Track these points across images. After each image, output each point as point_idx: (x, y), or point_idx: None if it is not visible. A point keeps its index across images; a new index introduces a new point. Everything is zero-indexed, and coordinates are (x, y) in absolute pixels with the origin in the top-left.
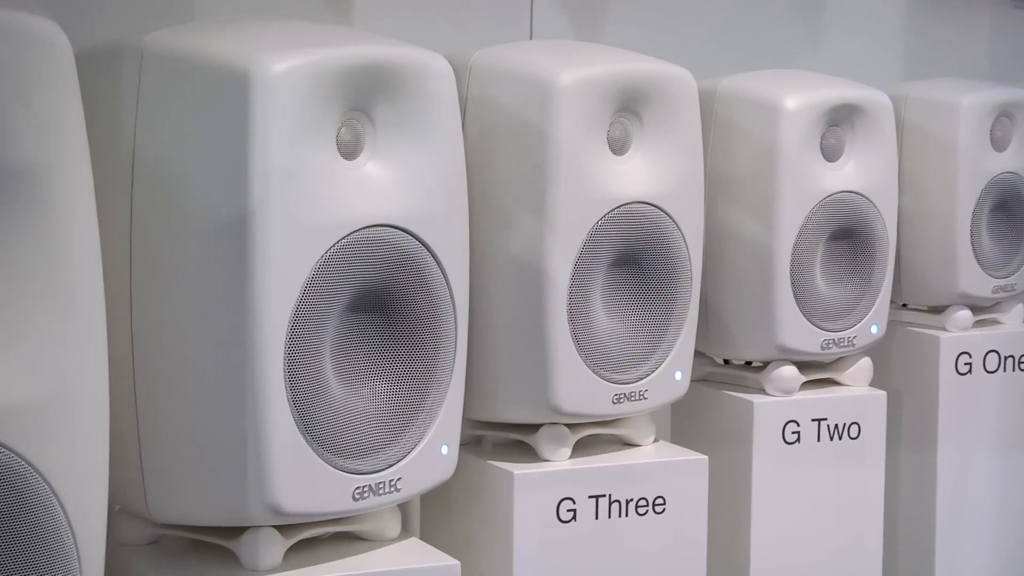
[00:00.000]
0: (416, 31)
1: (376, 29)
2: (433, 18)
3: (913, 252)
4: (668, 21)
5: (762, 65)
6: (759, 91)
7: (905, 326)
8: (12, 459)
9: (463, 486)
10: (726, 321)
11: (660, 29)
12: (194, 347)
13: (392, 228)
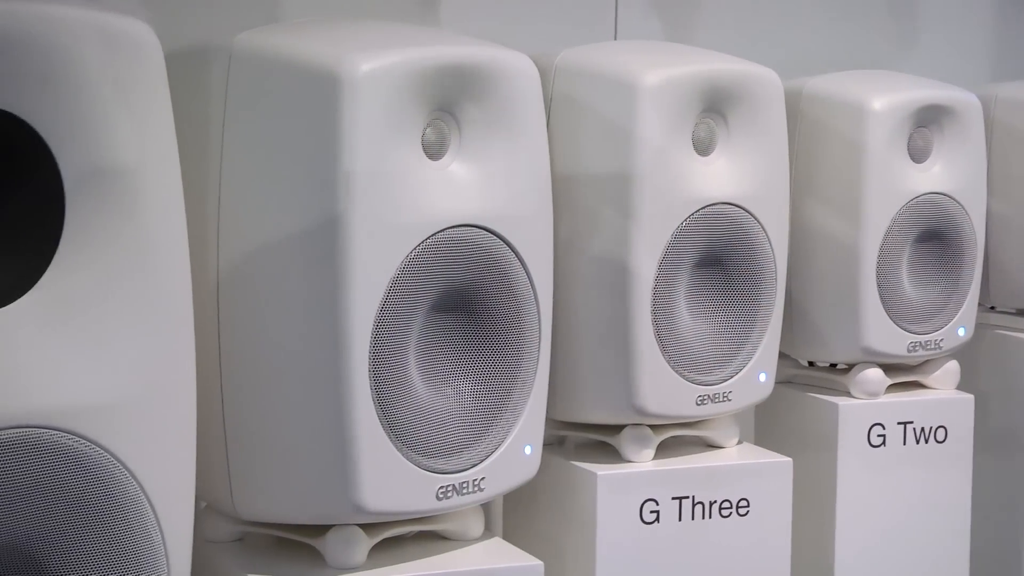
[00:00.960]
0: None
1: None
2: (518, 19)
3: (1001, 254)
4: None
5: (849, 66)
6: (846, 92)
7: (993, 329)
8: (102, 456)
9: (546, 486)
10: (811, 323)
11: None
12: (280, 346)
13: (477, 228)
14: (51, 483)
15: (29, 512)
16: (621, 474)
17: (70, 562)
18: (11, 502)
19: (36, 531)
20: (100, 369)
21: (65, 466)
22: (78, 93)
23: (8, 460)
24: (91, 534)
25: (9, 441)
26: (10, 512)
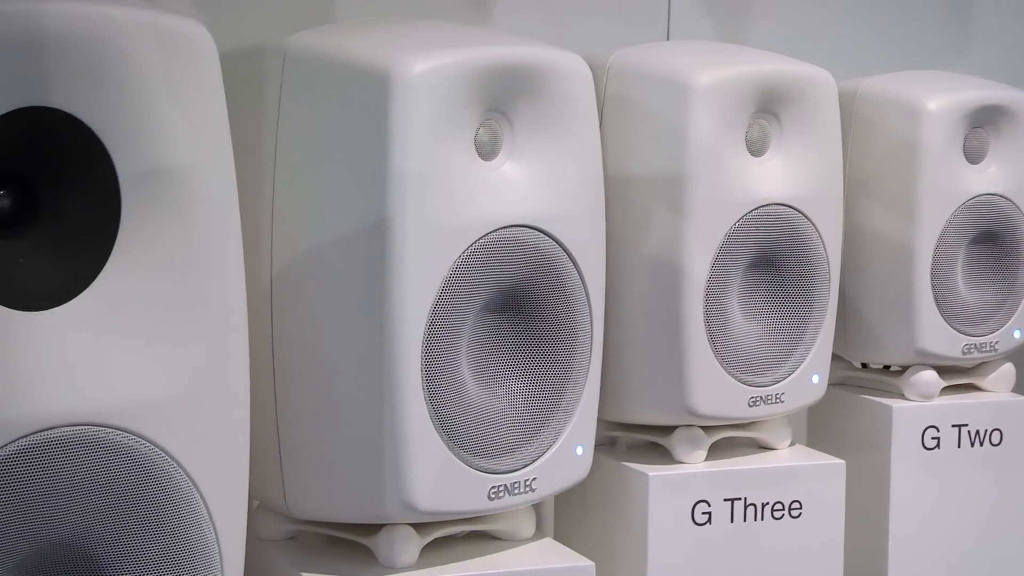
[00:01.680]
0: (554, 32)
1: (514, 30)
2: (571, 19)
3: None
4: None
5: (904, 66)
6: (901, 92)
7: None
8: (156, 453)
9: (597, 487)
10: (865, 324)
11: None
12: (333, 346)
13: (529, 228)
14: (106, 480)
15: (84, 509)
16: (673, 475)
17: (124, 559)
18: (67, 499)
19: (91, 528)
20: (155, 367)
21: (120, 464)
22: (134, 93)
23: (64, 458)
24: (145, 531)
25: (65, 439)
26: (66, 509)
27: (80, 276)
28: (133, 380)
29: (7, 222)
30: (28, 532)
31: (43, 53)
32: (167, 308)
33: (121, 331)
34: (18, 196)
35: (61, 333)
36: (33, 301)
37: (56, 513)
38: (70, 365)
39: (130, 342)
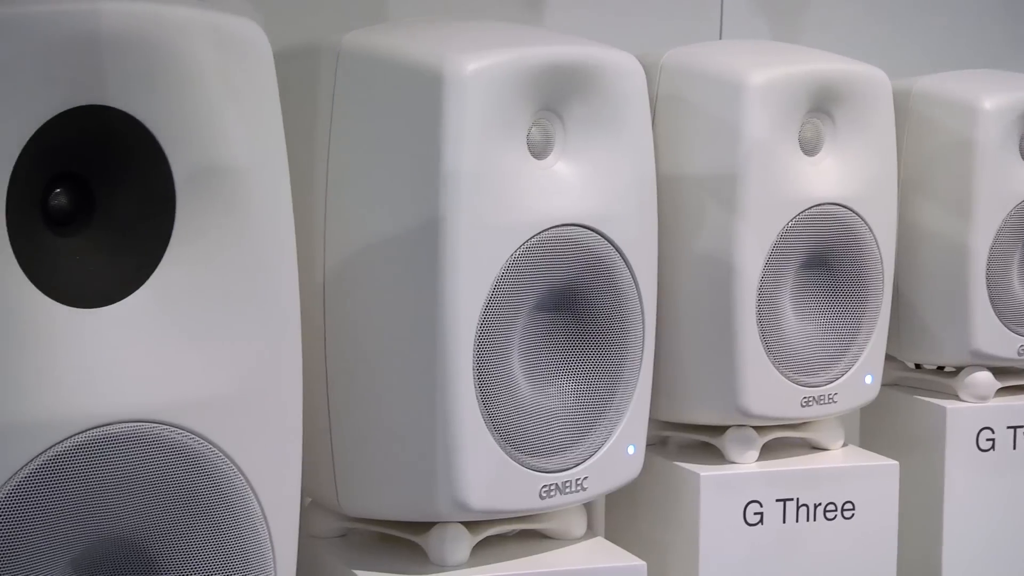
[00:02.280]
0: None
1: (567, 29)
2: (623, 18)
3: None
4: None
5: (960, 65)
6: (956, 91)
7: None
8: (210, 450)
9: (649, 487)
10: (919, 325)
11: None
12: (385, 344)
13: (581, 228)
14: (160, 477)
15: (139, 505)
16: (725, 475)
17: (178, 555)
18: (121, 495)
19: (146, 524)
20: (209, 365)
21: (174, 460)
22: (190, 92)
23: (119, 454)
24: (199, 527)
25: (119, 435)
26: (120, 505)
27: (135, 274)
28: (187, 377)
29: (64, 220)
30: (83, 527)
31: (100, 52)
32: (221, 306)
33: (175, 328)
34: (75, 194)
35: (116, 330)
36: (89, 298)
37: (111, 509)
38: (125, 362)
39: (184, 339)
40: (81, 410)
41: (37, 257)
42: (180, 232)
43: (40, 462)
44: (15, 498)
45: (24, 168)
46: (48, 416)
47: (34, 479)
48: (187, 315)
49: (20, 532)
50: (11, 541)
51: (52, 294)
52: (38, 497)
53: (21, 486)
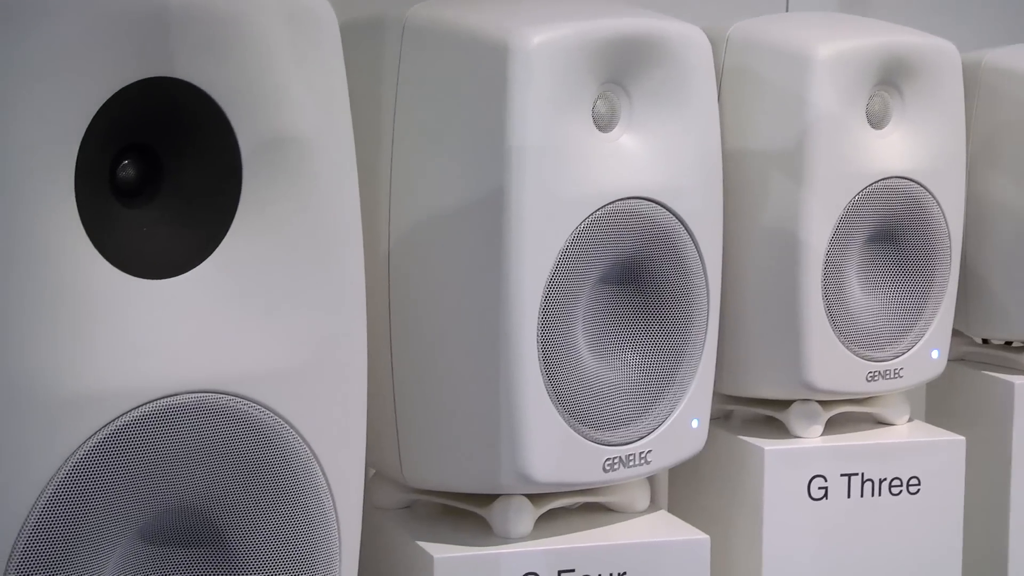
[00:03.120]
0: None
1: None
2: None
3: None
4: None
5: None
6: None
7: None
8: (275, 421)
9: (712, 461)
10: (987, 299)
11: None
12: (449, 317)
13: (646, 201)
14: (226, 447)
15: (205, 475)
16: (789, 449)
17: (244, 525)
18: (188, 465)
19: (211, 494)
20: (274, 336)
21: (240, 431)
22: (257, 64)
23: (185, 424)
24: (264, 498)
25: (186, 406)
26: (187, 475)
27: (202, 245)
28: (253, 348)
29: (132, 191)
30: (151, 497)
31: (168, 24)
32: (287, 276)
33: (241, 299)
34: (143, 166)
35: (183, 301)
36: (156, 269)
37: (178, 478)
38: (192, 333)
39: (250, 310)
40: (148, 381)
41: (105, 228)
42: (246, 203)
43: (108, 432)
44: (84, 468)
45: (93, 140)
46: (116, 387)
47: (102, 449)
48: (253, 286)
49: (89, 501)
50: (81, 510)
51: (120, 265)
52: (106, 467)
53: (90, 456)
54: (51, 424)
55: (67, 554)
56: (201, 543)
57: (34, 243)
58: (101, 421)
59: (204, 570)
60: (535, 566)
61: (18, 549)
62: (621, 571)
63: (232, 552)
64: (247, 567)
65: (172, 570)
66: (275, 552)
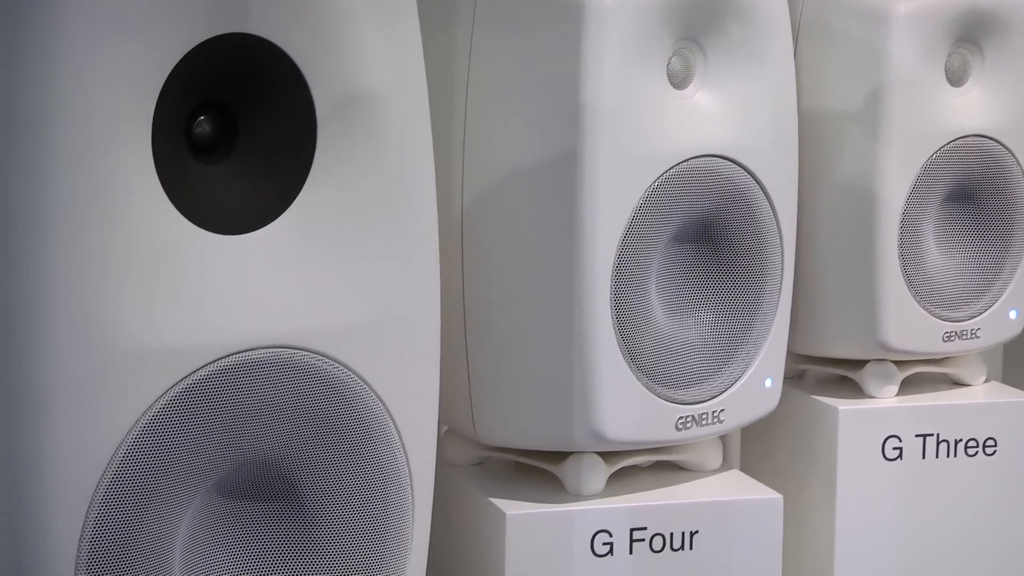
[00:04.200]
0: None
1: None
2: None
3: None
4: None
5: None
6: None
7: None
8: (349, 377)
9: (786, 420)
10: None
11: None
12: (522, 275)
13: (720, 159)
14: (300, 402)
15: (279, 430)
16: (863, 409)
17: (318, 479)
18: (262, 420)
19: (286, 448)
20: (349, 292)
21: (314, 386)
22: (332, 20)
23: (260, 380)
24: (339, 453)
25: (261, 361)
26: (261, 430)
27: (277, 200)
28: (327, 303)
29: (207, 147)
30: (225, 451)
31: None
32: (361, 233)
33: (316, 255)
34: (218, 122)
35: (258, 257)
36: (231, 225)
37: (252, 433)
38: (266, 288)
39: (324, 266)
40: (223, 336)
41: (182, 184)
42: (321, 159)
43: (184, 387)
44: (161, 422)
45: (169, 96)
46: (191, 342)
47: (178, 404)
48: (327, 242)
49: (166, 455)
50: (158, 463)
51: (196, 220)
52: (182, 421)
53: (166, 410)
54: (128, 379)
55: (144, 506)
56: (276, 497)
57: (112, 198)
58: (177, 376)
59: (279, 524)
60: (607, 524)
61: (96, 501)
62: (693, 529)
63: (306, 507)
64: (321, 522)
65: (248, 523)
66: (349, 507)
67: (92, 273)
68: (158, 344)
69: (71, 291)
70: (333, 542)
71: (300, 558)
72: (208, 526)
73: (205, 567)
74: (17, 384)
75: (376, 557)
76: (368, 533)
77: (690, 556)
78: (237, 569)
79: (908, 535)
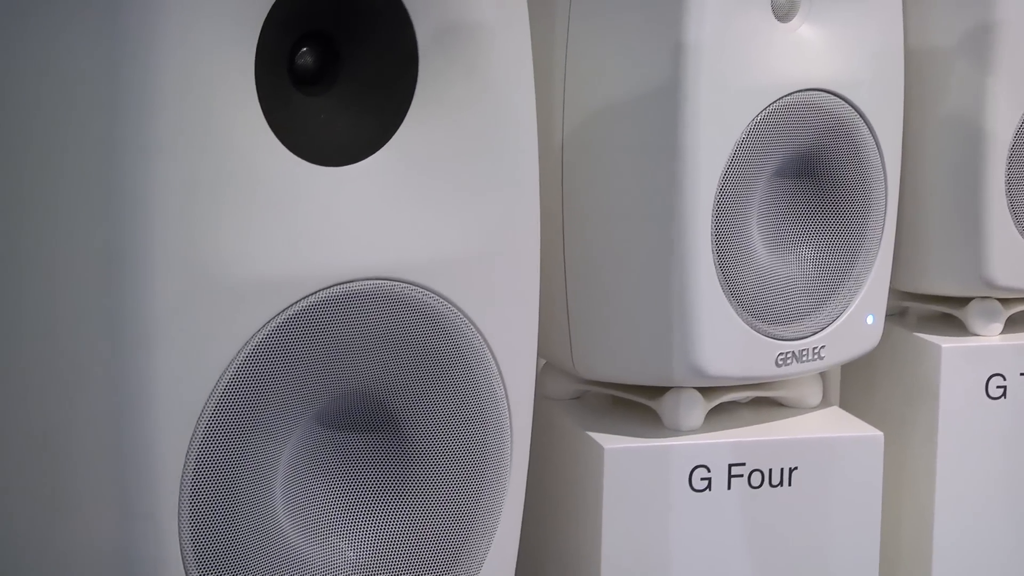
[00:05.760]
0: None
1: None
2: None
3: None
4: None
5: None
6: None
7: None
8: (449, 309)
9: (887, 357)
10: None
11: None
12: (622, 209)
13: (825, 92)
14: (401, 334)
15: (379, 361)
16: (967, 347)
17: (417, 410)
18: (363, 351)
19: (386, 379)
20: (448, 224)
21: (414, 318)
22: None
23: (361, 310)
24: (438, 385)
25: (361, 293)
26: (362, 360)
27: (379, 132)
28: (427, 236)
29: (310, 79)
30: (326, 381)
31: None
32: (462, 165)
33: (416, 188)
34: (320, 54)
35: (360, 188)
36: (334, 156)
37: (352, 364)
38: (367, 220)
39: (425, 199)
40: (324, 267)
41: (284, 115)
42: (422, 91)
43: (285, 318)
44: (262, 352)
45: (272, 27)
46: (293, 273)
47: (280, 334)
48: (428, 174)
49: (268, 385)
50: (259, 393)
51: (299, 152)
52: (283, 351)
53: (268, 341)
54: (230, 309)
55: (246, 436)
56: (376, 428)
57: (215, 129)
58: (278, 307)
59: (378, 455)
60: (705, 459)
61: (199, 432)
62: (792, 466)
63: (405, 438)
64: (420, 453)
65: (347, 454)
66: (448, 439)
67: (195, 204)
68: (259, 275)
69: (174, 222)
70: (431, 474)
71: (398, 489)
72: (308, 456)
73: (305, 496)
74: (122, 313)
75: (474, 489)
76: (466, 465)
77: (789, 492)
78: (336, 498)
79: (1011, 475)
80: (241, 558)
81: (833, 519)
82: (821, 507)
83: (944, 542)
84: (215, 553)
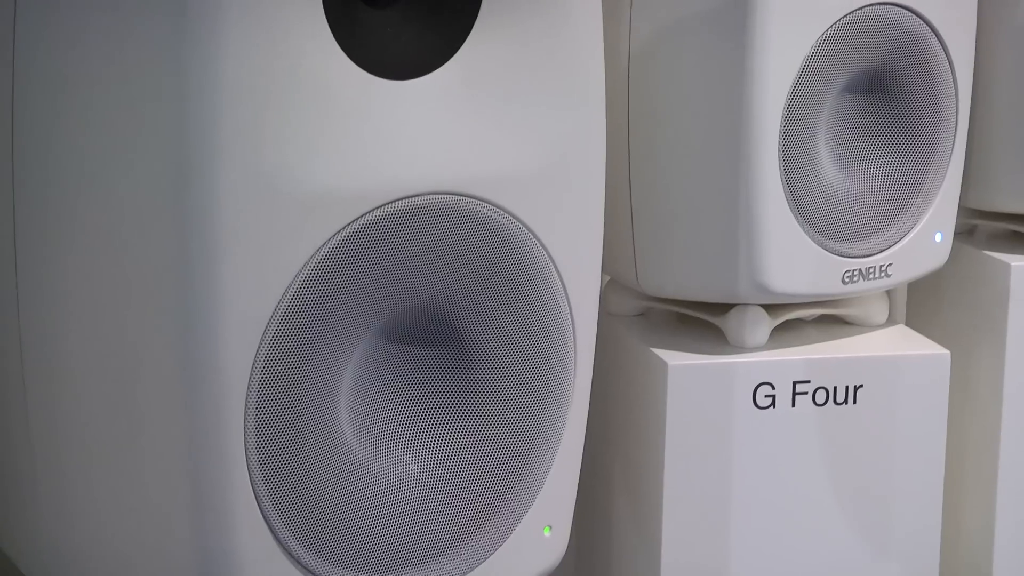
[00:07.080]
0: None
1: None
2: None
3: None
4: None
5: None
6: None
7: None
8: (514, 224)
9: (955, 276)
10: None
11: None
12: (689, 124)
13: (896, 6)
14: (465, 249)
15: (444, 276)
16: None
17: (482, 326)
18: (427, 265)
19: (450, 294)
20: (514, 140)
21: (479, 233)
22: None
23: (425, 225)
24: (502, 300)
25: (427, 207)
26: (426, 275)
27: (444, 47)
28: (493, 151)
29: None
30: (391, 295)
31: None
32: (527, 80)
33: (482, 103)
34: None
35: (425, 103)
36: (400, 70)
37: (417, 278)
38: (433, 135)
39: (490, 114)
40: (390, 181)
41: (350, 28)
42: (488, 6)
43: (350, 231)
44: (328, 264)
45: None
46: (358, 186)
47: (345, 247)
48: (494, 89)
49: (333, 297)
50: (325, 305)
51: (364, 65)
52: (349, 264)
53: (333, 253)
54: (297, 221)
55: (312, 347)
56: (440, 343)
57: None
58: (344, 220)
59: (442, 369)
60: (769, 376)
61: (265, 342)
62: (858, 384)
63: (469, 353)
64: (484, 368)
65: (412, 368)
66: (511, 355)
67: (263, 116)
68: (325, 187)
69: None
70: (495, 388)
71: (462, 403)
72: (373, 369)
73: (369, 410)
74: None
75: (538, 404)
76: (530, 380)
77: (854, 410)
78: (400, 413)
79: None
80: (306, 471)
81: (898, 438)
82: (886, 426)
83: (1009, 460)
84: (281, 465)
